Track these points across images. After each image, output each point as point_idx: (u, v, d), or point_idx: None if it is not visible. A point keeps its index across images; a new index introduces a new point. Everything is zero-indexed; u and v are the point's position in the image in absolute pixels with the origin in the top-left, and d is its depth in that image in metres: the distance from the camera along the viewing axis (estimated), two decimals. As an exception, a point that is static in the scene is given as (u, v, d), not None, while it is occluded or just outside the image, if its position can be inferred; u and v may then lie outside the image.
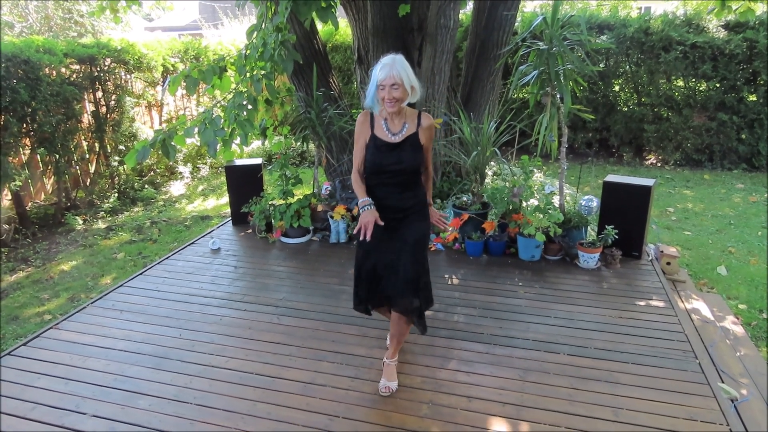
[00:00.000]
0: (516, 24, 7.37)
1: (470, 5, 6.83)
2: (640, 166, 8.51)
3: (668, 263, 4.01)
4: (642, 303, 3.38)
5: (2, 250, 5.87)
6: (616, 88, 8.71)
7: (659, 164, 8.49)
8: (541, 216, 3.90)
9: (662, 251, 4.07)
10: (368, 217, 2.40)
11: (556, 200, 4.37)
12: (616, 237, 3.91)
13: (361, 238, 2.40)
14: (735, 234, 5.58)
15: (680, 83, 8.27)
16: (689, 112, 8.08)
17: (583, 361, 2.78)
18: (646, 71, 8.20)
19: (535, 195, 4.49)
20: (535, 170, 5.75)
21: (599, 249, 3.89)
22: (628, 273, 3.83)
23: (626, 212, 3.98)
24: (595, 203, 4.07)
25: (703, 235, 5.59)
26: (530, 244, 4.01)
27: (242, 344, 3.04)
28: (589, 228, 4.23)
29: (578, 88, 4.09)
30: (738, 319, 3.70)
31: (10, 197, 6.35)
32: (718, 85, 7.86)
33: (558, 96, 3.92)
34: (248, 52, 4.24)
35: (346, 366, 2.80)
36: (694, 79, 8.07)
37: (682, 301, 3.68)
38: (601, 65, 8.31)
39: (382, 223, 2.43)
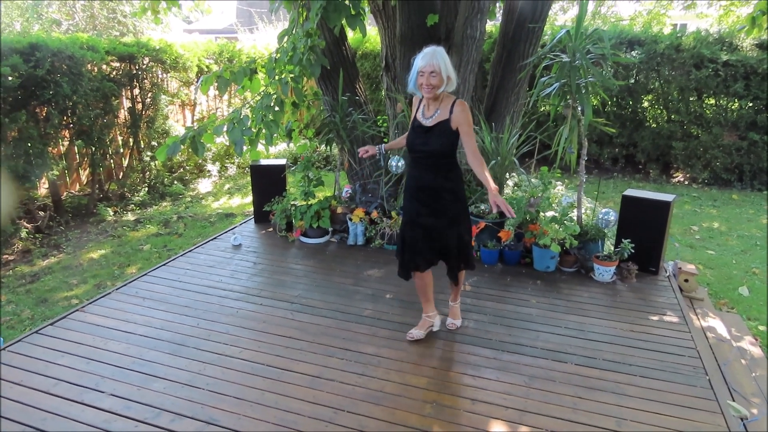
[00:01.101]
0: (545, 36, 7.38)
1: (499, 17, 6.87)
2: (666, 183, 8.37)
3: (686, 280, 3.96)
4: (655, 318, 3.36)
5: (37, 236, 6.15)
6: (645, 104, 8.61)
7: (687, 182, 8.34)
8: (558, 227, 3.91)
9: (680, 268, 4.02)
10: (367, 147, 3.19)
11: (574, 213, 4.37)
12: (633, 251, 3.89)
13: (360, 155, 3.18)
14: (760, 255, 5.45)
15: (711, 101, 8.13)
16: (719, 131, 7.93)
17: (590, 371, 2.78)
18: (677, 88, 8.09)
19: (554, 206, 4.49)
20: (558, 183, 5.73)
21: (615, 262, 3.88)
22: (643, 288, 3.80)
23: (645, 227, 3.95)
24: (613, 217, 4.06)
25: (727, 255, 5.48)
26: (545, 255, 4.01)
27: (256, 336, 3.14)
28: (606, 241, 4.22)
29: (598, 101, 4.09)
30: (756, 339, 3.63)
31: (47, 186, 6.65)
32: (750, 104, 7.70)
33: (579, 108, 3.93)
34: (278, 55, 4.38)
35: (355, 363, 2.86)
36: (725, 98, 7.92)
37: (698, 319, 3.63)
38: (630, 80, 8.23)
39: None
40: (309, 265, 4.24)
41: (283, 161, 5.32)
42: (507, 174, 4.68)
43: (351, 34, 7.86)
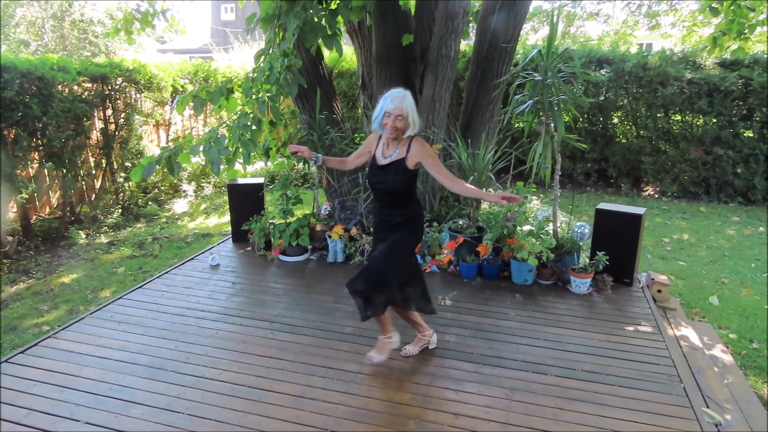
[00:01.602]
0: (518, 56, 7.59)
1: (473, 36, 7.05)
2: (637, 196, 8.61)
3: (659, 291, 4.06)
4: (631, 328, 3.43)
5: (4, 261, 5.96)
6: (615, 120, 8.89)
7: (656, 195, 8.60)
8: (534, 241, 3.98)
9: (653, 279, 4.13)
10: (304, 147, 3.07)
11: (550, 226, 4.46)
12: (607, 263, 3.98)
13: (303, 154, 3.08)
14: (728, 265, 5.64)
15: (677, 117, 8.44)
16: (686, 146, 8.23)
17: (570, 382, 2.82)
18: (644, 104, 8.39)
19: (530, 220, 4.58)
20: (533, 198, 5.85)
21: (591, 275, 3.96)
22: (618, 299, 3.89)
23: (618, 239, 4.06)
24: (588, 230, 4.16)
25: (697, 265, 5.64)
26: (523, 268, 4.08)
27: (236, 357, 3.09)
28: (582, 254, 4.31)
29: (570, 118, 4.22)
30: (727, 347, 3.74)
31: (15, 209, 6.47)
32: (714, 120, 8.03)
33: (552, 125, 4.05)
34: (255, 75, 4.40)
35: (337, 381, 2.84)
36: (690, 114, 8.24)
37: (672, 328, 3.72)
38: (600, 98, 8.50)
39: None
40: (289, 283, 4.21)
41: (260, 180, 5.31)
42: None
43: (327, 53, 7.94)
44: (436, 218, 5.28)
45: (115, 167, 7.78)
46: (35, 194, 6.80)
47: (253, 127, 4.33)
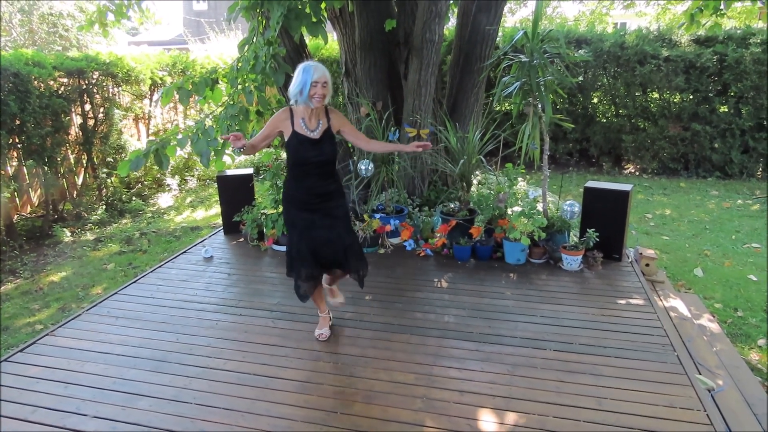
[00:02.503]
0: (498, 38, 7.62)
1: (453, 20, 7.05)
2: (619, 175, 8.78)
3: (647, 265, 4.18)
4: (623, 301, 3.54)
5: (-11, 262, 5.84)
6: (595, 100, 9.01)
7: (637, 173, 8.78)
8: (526, 221, 4.06)
9: (641, 253, 4.24)
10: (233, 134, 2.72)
11: (539, 206, 4.54)
12: (597, 240, 4.08)
13: (233, 146, 2.70)
14: (710, 238, 5.81)
15: (655, 95, 8.59)
16: (664, 123, 8.40)
17: (568, 356, 2.91)
18: (623, 84, 8.51)
19: (519, 202, 4.66)
20: (519, 179, 5.93)
21: (581, 252, 4.06)
22: (609, 274, 4.00)
23: (606, 216, 4.16)
24: (577, 208, 4.25)
25: (680, 239, 5.81)
26: (516, 248, 4.15)
27: (239, 347, 3.11)
28: (571, 232, 4.40)
29: (558, 100, 4.28)
30: (714, 317, 3.88)
31: (-4, 210, 6.33)
32: (691, 96, 8.20)
33: (539, 106, 4.10)
34: (240, 64, 4.36)
35: (342, 365, 2.89)
36: (668, 91, 8.40)
37: (661, 300, 3.84)
38: (580, 78, 8.60)
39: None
40: (284, 272, 4.20)
41: (250, 170, 5.28)
42: (473, 173, 4.81)
43: (309, 40, 7.87)
44: (426, 203, 5.32)
45: (97, 163, 7.64)
46: (16, 193, 6.65)
47: (241, 118, 4.30)
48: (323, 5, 4.79)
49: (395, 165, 4.98)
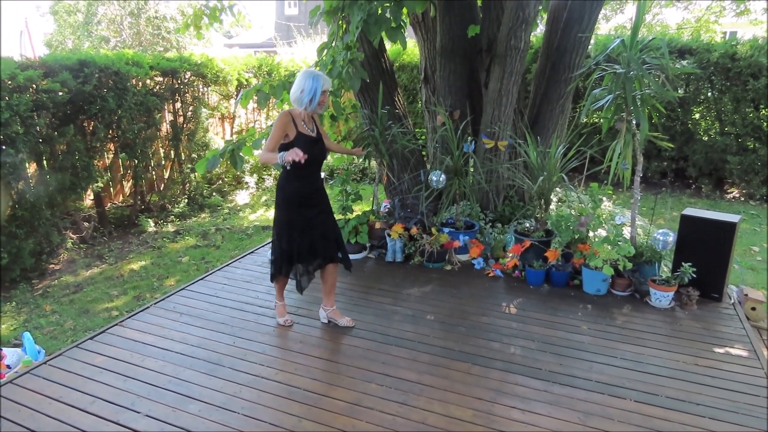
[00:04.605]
0: (590, 46, 7.14)
1: (541, 27, 6.68)
2: (720, 199, 7.92)
3: (753, 308, 3.65)
4: (721, 350, 3.08)
5: (81, 246, 6.28)
6: (696, 115, 8.20)
7: (742, 198, 7.86)
8: (610, 248, 3.68)
9: (747, 294, 3.71)
10: (290, 152, 2.85)
11: (626, 232, 4.12)
12: (694, 275, 3.62)
13: (297, 159, 2.82)
14: (832, 281, 5.02)
15: (769, 112, 7.66)
16: (780, 144, 7.45)
17: (652, 409, 2.55)
18: (731, 99, 7.67)
19: (604, 225, 4.25)
20: (604, 199, 5.47)
21: (674, 287, 3.61)
22: (706, 316, 3.52)
23: (706, 249, 3.68)
24: (672, 237, 3.79)
25: (794, 279, 5.07)
26: (596, 277, 3.78)
27: (292, 358, 3.04)
28: (662, 264, 3.95)
29: (656, 115, 3.86)
30: (835, 377, 3.29)
31: (92, 197, 6.81)
32: (815, 116, 7.22)
33: (634, 122, 3.71)
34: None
35: (395, 390, 2.72)
36: (786, 109, 7.45)
37: (769, 352, 3.32)
38: (681, 91, 7.86)
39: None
40: (346, 282, 4.13)
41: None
42: (553, 191, 4.47)
43: (389, 46, 7.81)
44: (500, 219, 5.03)
45: (183, 158, 8.03)
46: (110, 183, 7.12)
47: (315, 122, 4.28)
48: (405, 10, 4.67)
49: (469, 177, 4.74)
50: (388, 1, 4.14)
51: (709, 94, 7.91)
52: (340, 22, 4.50)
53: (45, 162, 5.81)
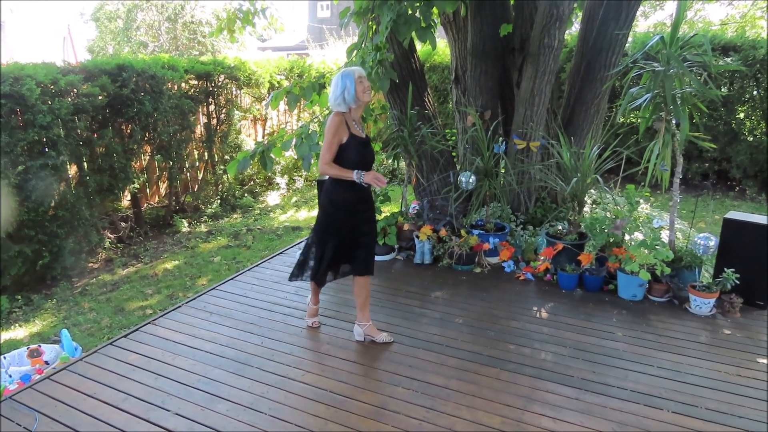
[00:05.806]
0: (627, 44, 6.93)
1: (576, 25, 6.52)
2: (766, 202, 7.56)
3: (802, 318, 3.45)
4: (766, 361, 2.92)
5: (118, 245, 6.47)
6: (741, 115, 7.85)
7: (791, 201, 7.48)
8: (647, 252, 3.54)
9: (795, 303, 3.52)
10: (372, 174, 2.85)
11: (664, 236, 3.97)
12: (737, 282, 3.45)
13: (379, 185, 2.86)
14: None
15: (822, 111, 7.26)
16: (832, 145, 7.06)
17: (691, 421, 2.43)
18: (779, 97, 7.30)
19: (641, 228, 4.11)
20: (642, 201, 5.29)
21: (715, 294, 3.45)
22: (749, 325, 3.35)
23: (750, 255, 3.50)
24: (714, 242, 3.63)
25: None
26: (632, 282, 3.65)
27: (319, 359, 3.04)
28: (703, 269, 3.78)
29: (697, 114, 3.70)
30: None
31: (129, 198, 7.01)
32: None
33: (673, 122, 3.57)
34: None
35: (422, 395, 2.68)
36: (840, 107, 7.05)
37: (820, 365, 3.13)
38: (724, 90, 7.54)
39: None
40: (374, 283, 4.10)
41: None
42: (587, 192, 4.35)
43: (420, 46, 7.77)
44: (531, 221, 4.93)
45: (216, 160, 8.18)
46: (146, 184, 7.32)
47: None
48: (435, 10, 4.63)
49: (500, 179, 4.66)
50: (418, 1, 4.11)
51: (755, 92, 7.56)
52: (370, 23, 4.50)
53: (85, 164, 6.01)
